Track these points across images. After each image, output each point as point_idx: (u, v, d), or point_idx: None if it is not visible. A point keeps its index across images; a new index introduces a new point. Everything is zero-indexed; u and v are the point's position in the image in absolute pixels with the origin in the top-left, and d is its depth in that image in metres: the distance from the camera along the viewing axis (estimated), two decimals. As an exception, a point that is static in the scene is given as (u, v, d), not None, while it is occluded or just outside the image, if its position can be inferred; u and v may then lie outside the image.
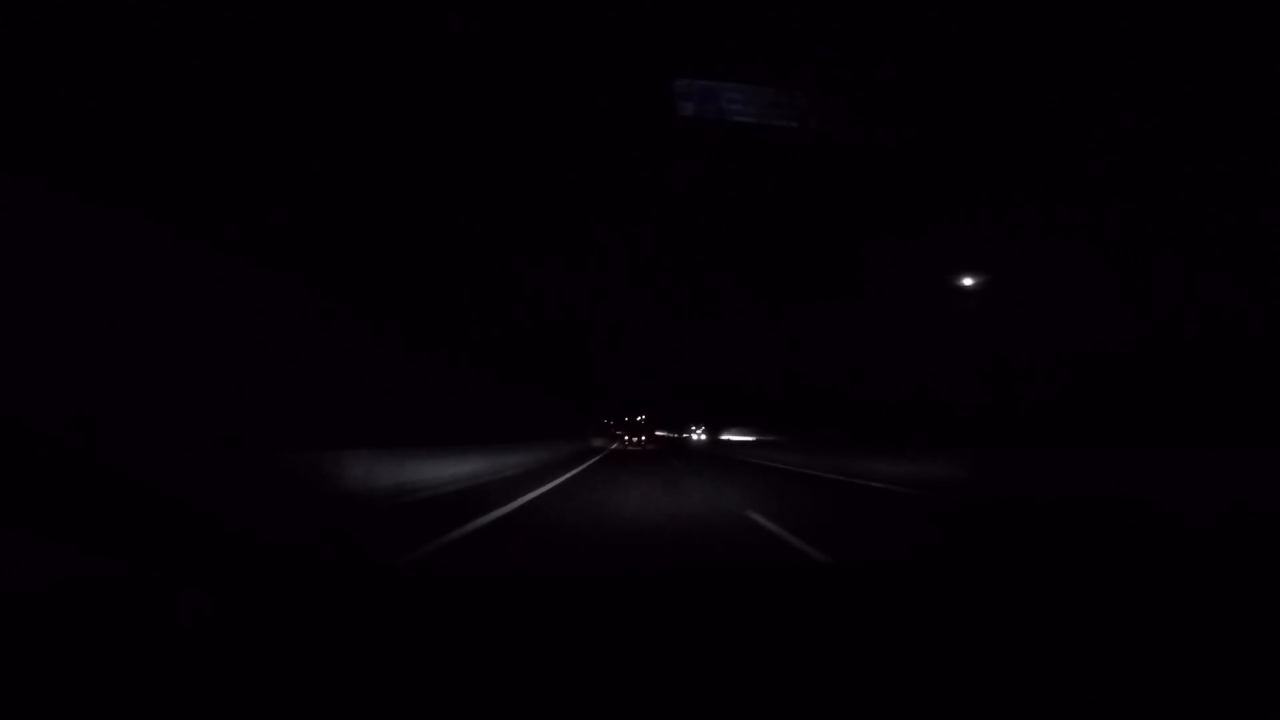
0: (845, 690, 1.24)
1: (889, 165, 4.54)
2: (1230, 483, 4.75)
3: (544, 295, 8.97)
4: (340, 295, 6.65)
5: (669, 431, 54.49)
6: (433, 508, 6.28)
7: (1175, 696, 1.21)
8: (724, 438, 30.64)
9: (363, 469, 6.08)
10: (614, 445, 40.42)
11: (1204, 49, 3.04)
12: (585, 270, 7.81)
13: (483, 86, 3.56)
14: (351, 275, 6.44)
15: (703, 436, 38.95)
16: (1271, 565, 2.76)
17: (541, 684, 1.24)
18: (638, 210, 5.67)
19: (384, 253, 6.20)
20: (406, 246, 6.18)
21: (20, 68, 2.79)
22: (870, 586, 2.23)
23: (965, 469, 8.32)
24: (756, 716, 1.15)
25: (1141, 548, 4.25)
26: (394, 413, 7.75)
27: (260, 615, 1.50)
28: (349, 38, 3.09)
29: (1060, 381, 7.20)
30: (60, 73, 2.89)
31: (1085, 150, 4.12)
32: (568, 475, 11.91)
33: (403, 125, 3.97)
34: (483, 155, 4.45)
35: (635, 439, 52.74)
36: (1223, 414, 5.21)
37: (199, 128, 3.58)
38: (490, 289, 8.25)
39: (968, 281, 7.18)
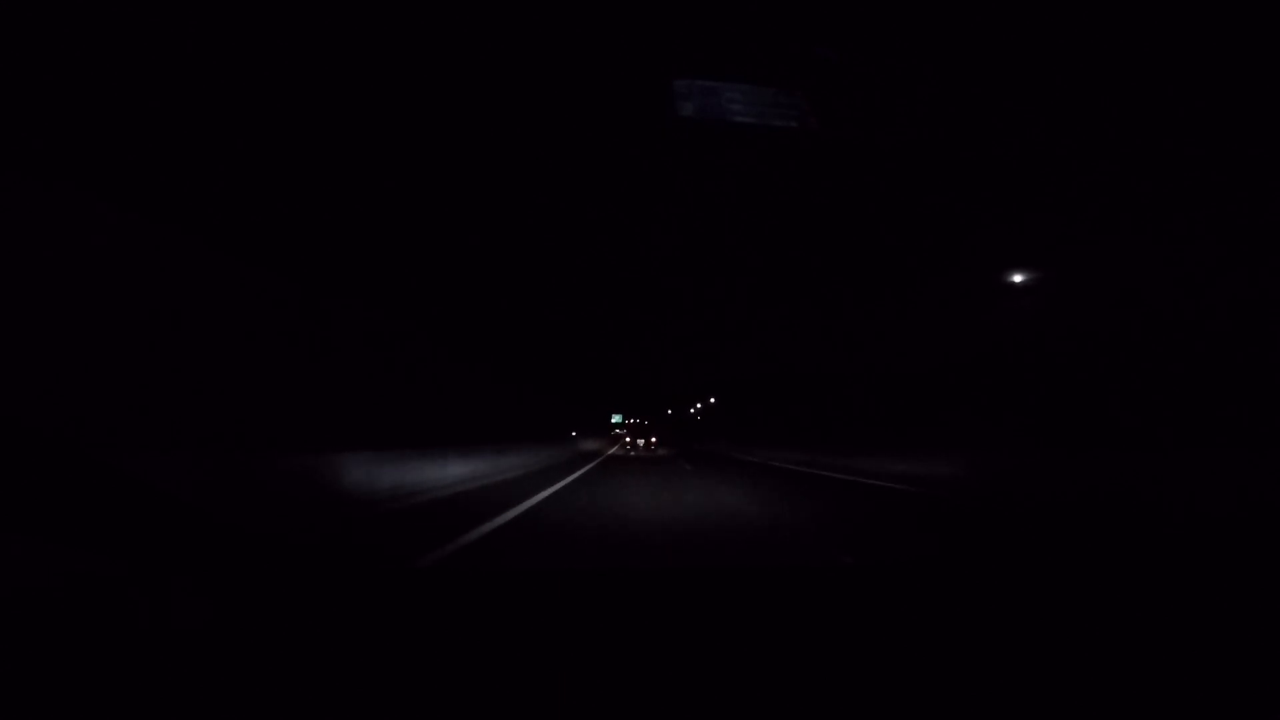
0: (847, 689, 1.24)
1: (893, 165, 4.54)
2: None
3: (542, 293, 8.99)
4: (336, 293, 6.66)
5: (675, 433, 53.12)
6: (437, 510, 6.26)
7: (1176, 696, 1.20)
8: (729, 439, 30.32)
9: (363, 471, 6.07)
10: (612, 450, 36.74)
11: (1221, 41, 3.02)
12: (583, 269, 7.82)
13: (484, 87, 3.57)
14: (348, 274, 6.46)
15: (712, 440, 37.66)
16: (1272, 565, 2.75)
17: (566, 682, 1.24)
18: (639, 210, 5.67)
19: (383, 253, 6.22)
20: (406, 246, 6.20)
21: (21, 63, 2.80)
22: (873, 586, 2.23)
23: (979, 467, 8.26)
24: (768, 714, 1.15)
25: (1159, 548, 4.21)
26: (389, 412, 7.74)
27: (270, 616, 1.49)
28: (351, 41, 3.10)
29: (1076, 382, 7.17)
30: (63, 68, 2.90)
31: (1085, 150, 4.11)
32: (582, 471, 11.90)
33: (403, 125, 3.98)
34: (483, 155, 4.46)
35: (642, 441, 50.28)
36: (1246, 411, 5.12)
37: (200, 126, 3.59)
38: (487, 286, 8.26)
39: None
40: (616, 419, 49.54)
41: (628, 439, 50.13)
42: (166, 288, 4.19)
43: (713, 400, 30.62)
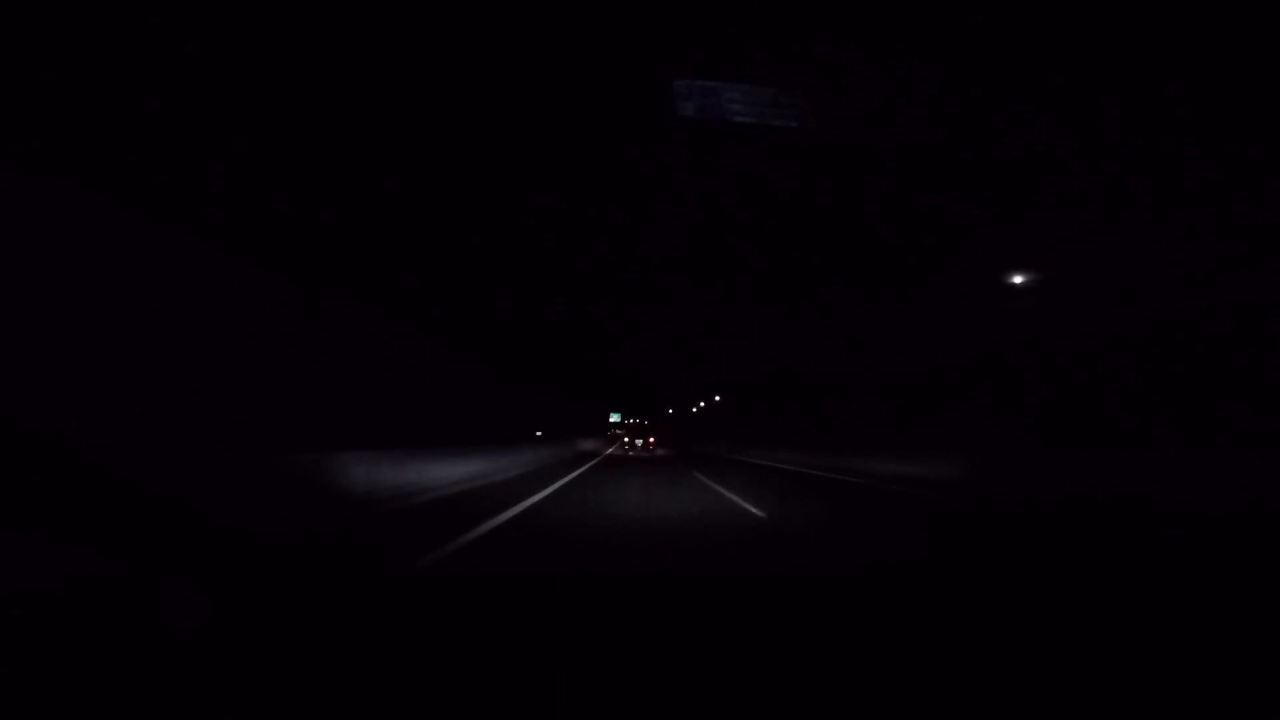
0: (846, 689, 1.24)
1: (893, 165, 4.53)
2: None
3: (542, 293, 8.98)
4: (336, 293, 6.66)
5: (675, 433, 52.65)
6: (437, 510, 6.26)
7: (1176, 696, 1.20)
8: (730, 439, 30.23)
9: (363, 471, 6.07)
10: (610, 449, 35.80)
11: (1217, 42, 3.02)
12: (583, 269, 7.82)
13: (484, 87, 3.57)
14: (348, 274, 6.46)
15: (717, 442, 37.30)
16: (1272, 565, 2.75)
17: (566, 682, 1.24)
18: (639, 210, 5.67)
19: (383, 253, 6.22)
20: (406, 246, 6.20)
21: (21, 63, 2.80)
22: (873, 586, 2.23)
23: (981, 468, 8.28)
24: (767, 714, 1.15)
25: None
26: (389, 412, 7.74)
27: (270, 616, 1.49)
28: (351, 40, 3.10)
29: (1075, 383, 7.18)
30: (63, 68, 2.90)
31: (1085, 150, 4.11)
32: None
33: (403, 125, 3.97)
34: (483, 155, 4.45)
35: (640, 441, 49.94)
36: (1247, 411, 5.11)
37: (200, 126, 3.59)
38: (487, 286, 8.26)
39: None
40: (615, 418, 49.04)
41: (626, 439, 49.79)
42: (166, 288, 4.19)
43: (716, 399, 30.55)
